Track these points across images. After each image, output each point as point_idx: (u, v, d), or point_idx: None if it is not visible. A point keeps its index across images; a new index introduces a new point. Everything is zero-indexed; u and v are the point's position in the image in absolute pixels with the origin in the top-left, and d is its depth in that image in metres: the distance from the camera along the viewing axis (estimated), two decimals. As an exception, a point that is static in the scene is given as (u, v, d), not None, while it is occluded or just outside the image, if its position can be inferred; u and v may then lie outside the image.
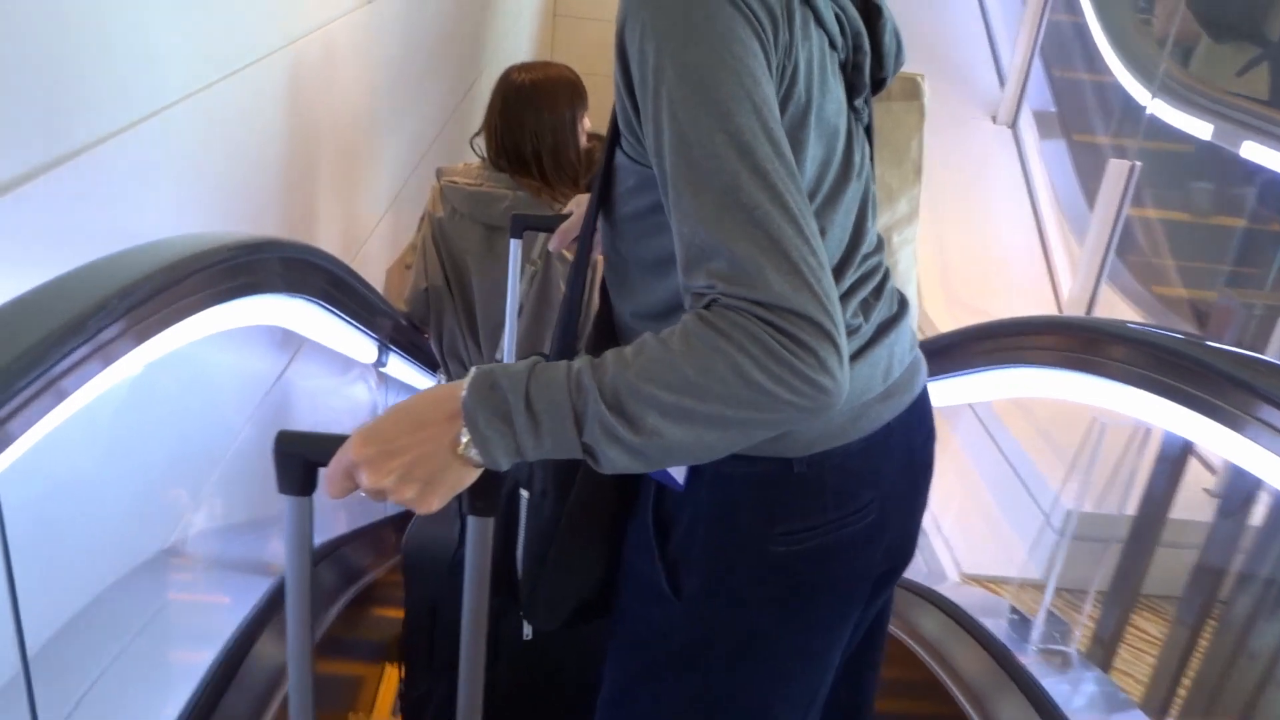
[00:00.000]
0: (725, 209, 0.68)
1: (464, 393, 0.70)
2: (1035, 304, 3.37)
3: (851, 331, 0.86)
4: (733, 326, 0.67)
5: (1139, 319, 3.03)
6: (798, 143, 0.77)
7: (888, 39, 0.88)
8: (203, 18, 1.53)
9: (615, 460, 0.70)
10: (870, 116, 0.91)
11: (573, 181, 2.15)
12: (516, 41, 7.48)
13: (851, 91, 0.86)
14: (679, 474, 0.88)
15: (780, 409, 0.67)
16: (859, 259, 0.88)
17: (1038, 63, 3.80)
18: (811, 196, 0.81)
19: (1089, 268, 3.07)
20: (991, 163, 3.81)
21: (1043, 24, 3.68)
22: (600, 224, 0.92)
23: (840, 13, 0.81)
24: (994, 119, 3.90)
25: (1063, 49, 3.91)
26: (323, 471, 0.75)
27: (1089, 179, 3.66)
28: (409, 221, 3.41)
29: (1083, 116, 3.89)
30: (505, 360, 2.18)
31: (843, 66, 0.84)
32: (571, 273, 0.97)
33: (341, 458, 0.73)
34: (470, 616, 0.83)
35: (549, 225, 1.50)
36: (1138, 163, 2.94)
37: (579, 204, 1.44)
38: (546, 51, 12.16)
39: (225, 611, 1.42)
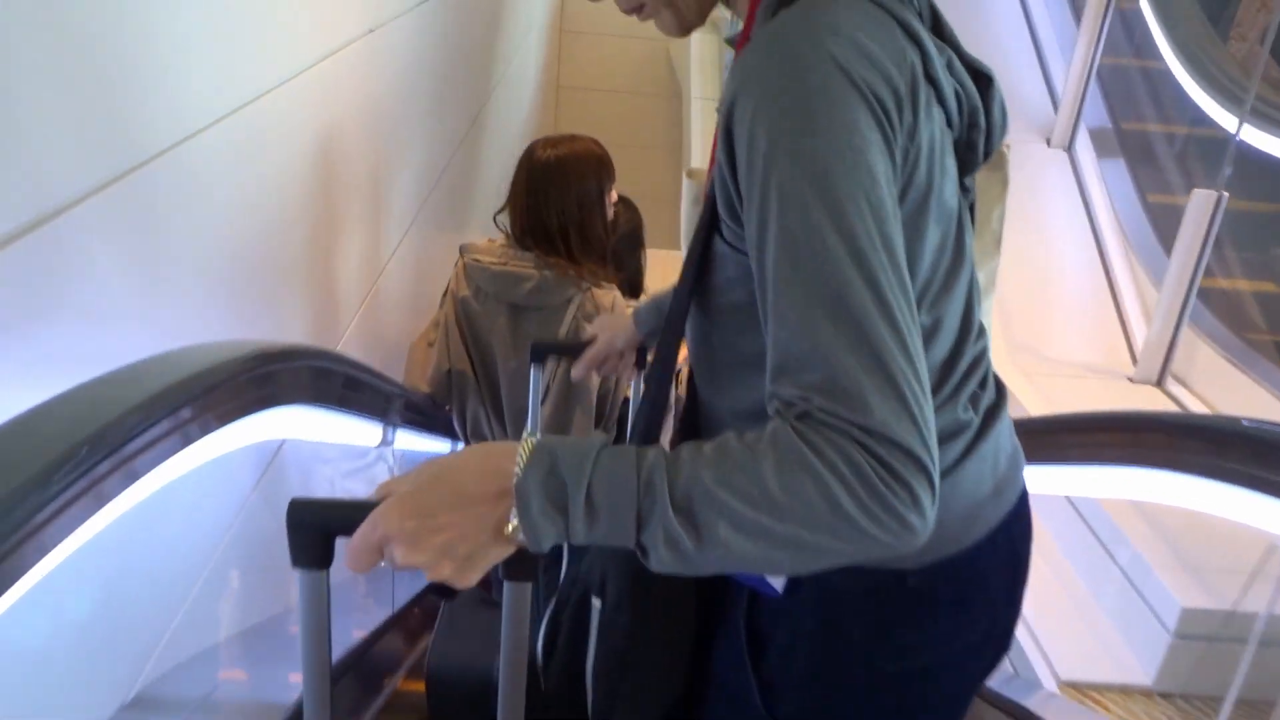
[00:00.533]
0: (831, 318, 0.64)
1: (518, 471, 0.65)
2: (1105, 349, 3.08)
3: (962, 428, 0.82)
4: (829, 446, 0.62)
5: (1229, 366, 2.73)
6: (917, 230, 0.73)
7: (997, 112, 0.82)
8: (221, 46, 1.45)
9: (667, 562, 0.66)
10: (974, 194, 0.85)
11: (600, 257, 2.07)
12: (525, 59, 7.30)
13: (962, 169, 0.80)
14: (776, 581, 0.82)
15: (861, 540, 0.62)
16: (969, 348, 0.83)
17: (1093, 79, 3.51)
18: (927, 286, 0.76)
19: (1168, 309, 2.79)
20: (1047, 190, 3.53)
21: (1100, 41, 3.39)
22: (691, 313, 0.85)
23: (959, 88, 0.76)
24: (1048, 142, 3.61)
25: (1124, 77, 3.63)
26: (342, 541, 0.69)
27: (1154, 203, 3.37)
28: (429, 240, 3.21)
29: (1145, 136, 3.60)
30: None
31: (956, 144, 0.78)
32: (656, 369, 0.89)
33: (371, 530, 0.67)
34: (507, 688, 0.78)
35: (572, 350, 1.40)
36: (1225, 193, 2.65)
37: (602, 328, 1.38)
38: (554, 66, 12.02)
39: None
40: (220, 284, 1.51)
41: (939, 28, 0.79)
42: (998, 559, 0.87)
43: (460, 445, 2.62)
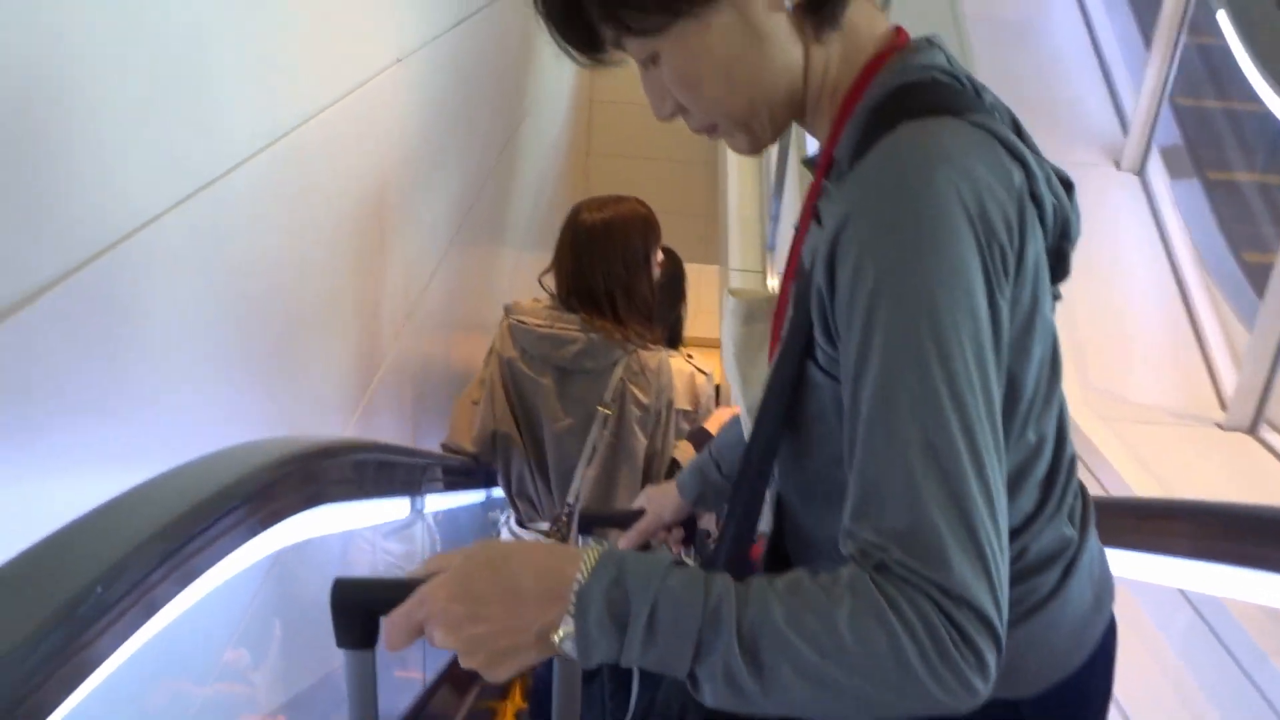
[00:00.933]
0: (922, 463, 0.63)
1: (580, 578, 0.65)
2: (1190, 392, 2.86)
3: (1067, 544, 0.82)
4: (907, 603, 0.61)
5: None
6: (1024, 351, 0.73)
7: (1074, 218, 0.80)
8: (253, 83, 1.38)
9: (721, 698, 0.64)
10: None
11: (646, 317, 2.08)
12: (559, 80, 7.21)
13: (1052, 278, 0.78)
14: None
15: (923, 700, 0.62)
16: (1065, 459, 0.83)
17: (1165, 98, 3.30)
18: (1031, 404, 0.76)
19: (1262, 349, 2.56)
20: (1118, 217, 3.32)
21: (1175, 58, 3.18)
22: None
23: (1056, 200, 0.74)
24: (1117, 165, 3.39)
25: (1195, 80, 3.41)
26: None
27: (1233, 227, 3.15)
28: (466, 268, 3.11)
29: (1221, 153, 3.38)
30: (576, 502, 2.11)
31: (1047, 252, 0.76)
32: (744, 501, 0.84)
33: (415, 610, 0.67)
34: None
35: (621, 522, 1.35)
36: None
37: (649, 499, 1.34)
38: (587, 88, 11.94)
39: None
40: (255, 319, 1.44)
41: (1022, 136, 0.77)
42: (1097, 678, 0.85)
43: (493, 493, 2.50)
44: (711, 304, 9.88)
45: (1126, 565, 1.49)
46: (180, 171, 1.18)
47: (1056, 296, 0.79)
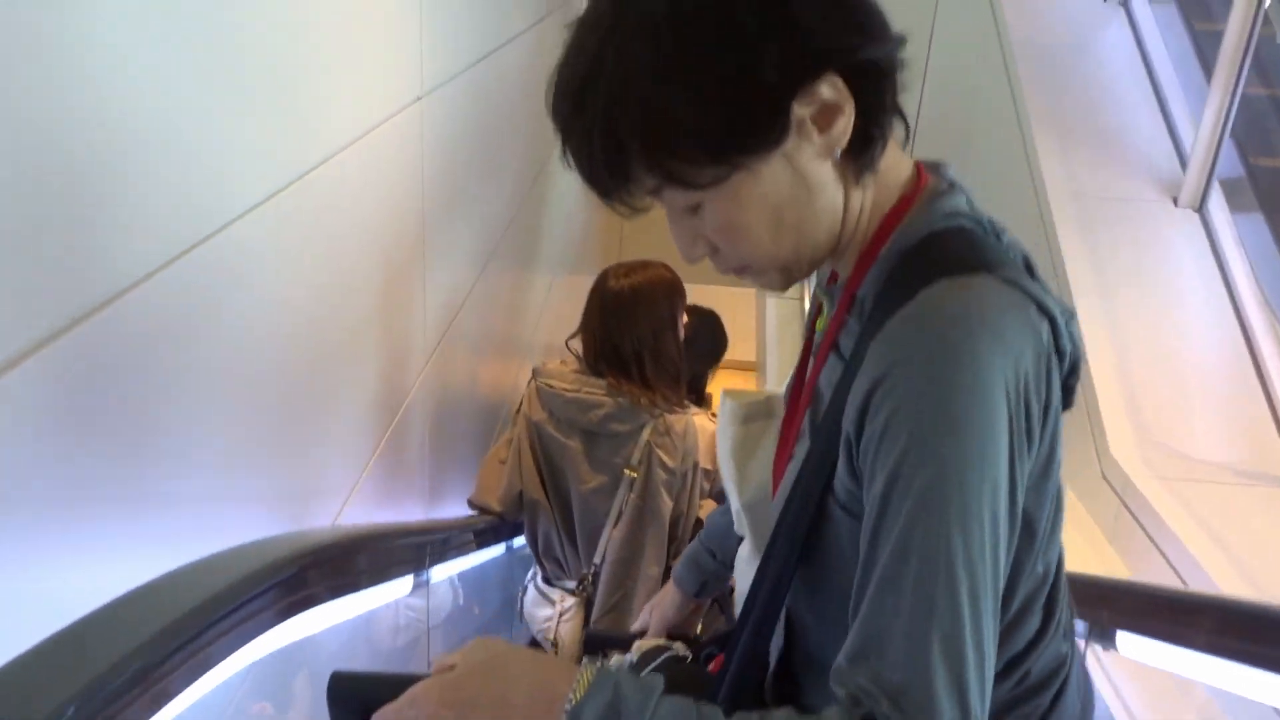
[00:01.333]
0: (926, 620, 0.65)
1: (573, 698, 0.66)
2: (1256, 446, 2.68)
3: (1064, 660, 0.85)
4: None
5: None
6: (1040, 493, 0.75)
7: (1081, 350, 0.80)
8: (267, 122, 1.37)
9: None
10: None
11: (674, 379, 2.10)
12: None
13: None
14: None
15: None
16: (1064, 578, 0.85)
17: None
18: (1043, 535, 0.77)
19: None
20: (1176, 256, 3.14)
21: (1237, 93, 3.00)
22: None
23: (1073, 344, 0.75)
24: (1175, 201, 3.23)
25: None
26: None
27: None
28: (496, 297, 3.02)
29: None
30: (602, 562, 2.14)
31: None
32: (755, 625, 0.84)
33: (404, 709, 0.70)
34: None
35: (624, 643, 1.32)
36: None
37: (650, 611, 1.36)
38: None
39: None
40: (273, 368, 1.42)
41: (1033, 273, 0.78)
42: None
43: (514, 543, 2.41)
44: (748, 328, 9.76)
45: (1215, 673, 1.34)
46: (196, 213, 1.17)
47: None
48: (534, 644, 2.32)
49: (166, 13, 1.06)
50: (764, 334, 8.56)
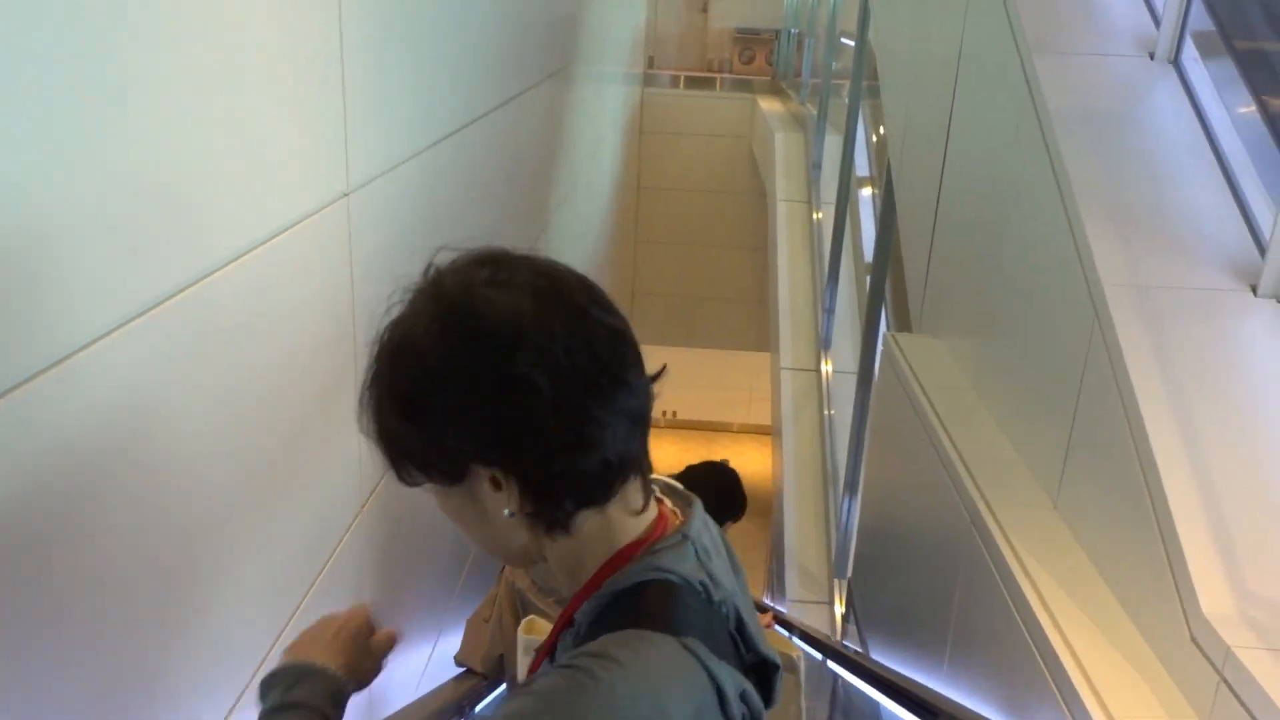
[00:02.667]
0: None
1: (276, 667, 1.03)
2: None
3: None
4: None
5: None
6: None
7: (774, 697, 0.98)
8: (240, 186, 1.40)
9: None
10: None
11: None
12: (603, 165, 6.88)
13: None
14: None
15: None
16: None
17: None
18: None
19: None
20: (1262, 355, 2.66)
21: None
22: None
23: (747, 710, 0.89)
24: (1254, 290, 2.75)
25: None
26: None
27: None
28: None
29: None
30: None
31: None
32: None
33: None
34: None
35: None
36: None
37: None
38: (634, 172, 11.63)
39: None
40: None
41: (744, 632, 0.96)
42: None
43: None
44: (765, 391, 9.31)
45: None
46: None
47: None
48: None
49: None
50: (779, 407, 8.09)
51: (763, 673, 0.97)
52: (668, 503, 1.02)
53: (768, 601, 6.25)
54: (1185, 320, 2.66)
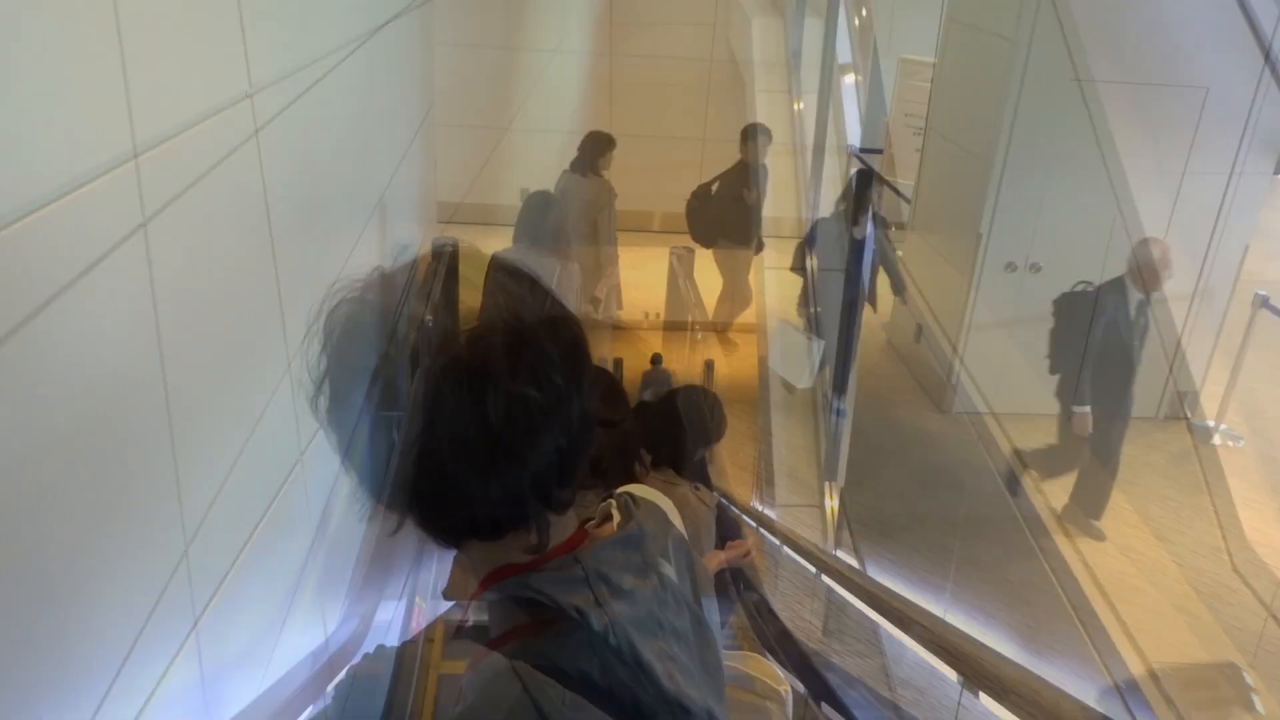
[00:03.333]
0: None
1: None
2: None
3: None
4: None
5: None
6: None
7: None
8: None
9: None
10: None
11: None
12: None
13: None
14: None
15: None
16: None
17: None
18: None
19: None
20: None
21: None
22: None
23: None
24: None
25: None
26: None
27: None
28: None
29: None
30: None
31: None
32: None
33: None
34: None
35: None
36: None
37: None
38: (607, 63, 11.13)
39: None
40: None
41: (643, 663, 0.97)
42: None
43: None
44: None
45: None
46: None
47: None
48: None
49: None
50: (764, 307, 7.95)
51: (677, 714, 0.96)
52: (614, 521, 1.05)
53: (757, 505, 6.13)
54: None
